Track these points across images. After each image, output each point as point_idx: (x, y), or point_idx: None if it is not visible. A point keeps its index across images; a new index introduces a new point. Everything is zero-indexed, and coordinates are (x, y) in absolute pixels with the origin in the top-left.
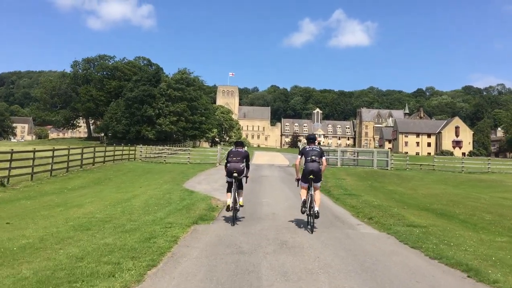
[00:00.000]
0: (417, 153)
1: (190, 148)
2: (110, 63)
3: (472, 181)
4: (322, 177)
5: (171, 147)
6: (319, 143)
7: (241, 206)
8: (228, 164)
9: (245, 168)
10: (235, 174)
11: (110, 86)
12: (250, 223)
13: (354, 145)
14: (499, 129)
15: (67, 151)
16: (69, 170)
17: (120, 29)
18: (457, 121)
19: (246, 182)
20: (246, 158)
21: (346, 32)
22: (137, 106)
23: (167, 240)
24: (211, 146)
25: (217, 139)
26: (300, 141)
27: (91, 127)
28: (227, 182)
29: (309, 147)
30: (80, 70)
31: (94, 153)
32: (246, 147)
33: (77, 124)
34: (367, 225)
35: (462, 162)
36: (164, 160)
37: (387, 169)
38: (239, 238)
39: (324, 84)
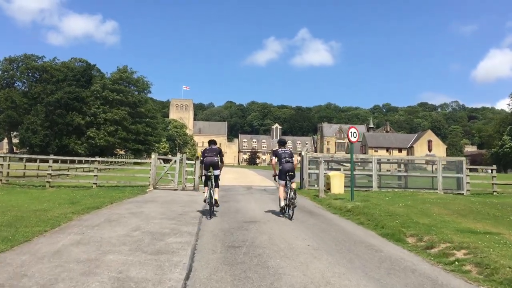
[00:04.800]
0: (388, 170)
1: (99, 159)
2: (38, 63)
3: None
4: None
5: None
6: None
7: (217, 203)
8: (205, 159)
9: (220, 162)
10: (211, 168)
11: (35, 91)
12: None
13: None
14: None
15: None
16: None
17: (81, 45)
18: (429, 134)
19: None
20: (220, 153)
21: (310, 50)
22: (60, 113)
23: None
24: (165, 163)
25: (170, 156)
26: (259, 157)
27: (13, 140)
28: (204, 175)
29: (281, 150)
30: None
31: None
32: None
33: None
34: None
35: None
36: (48, 182)
37: (463, 193)
38: None
39: (281, 100)
